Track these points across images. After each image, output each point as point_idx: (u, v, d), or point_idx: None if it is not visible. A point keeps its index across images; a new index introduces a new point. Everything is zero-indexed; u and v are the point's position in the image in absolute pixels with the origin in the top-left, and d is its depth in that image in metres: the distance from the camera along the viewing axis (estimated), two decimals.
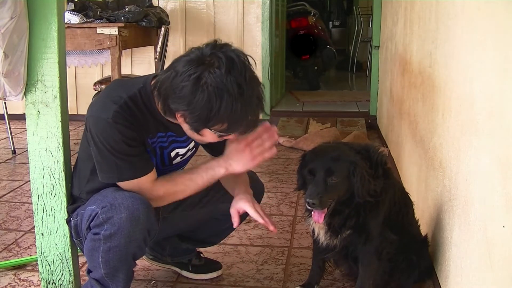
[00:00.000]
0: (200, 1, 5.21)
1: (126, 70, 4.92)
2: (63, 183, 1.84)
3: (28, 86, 1.80)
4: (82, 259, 2.08)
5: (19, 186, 3.31)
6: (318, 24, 7.38)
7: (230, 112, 1.49)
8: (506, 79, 1.31)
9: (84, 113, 1.70)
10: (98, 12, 3.98)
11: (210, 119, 1.51)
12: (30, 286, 2.10)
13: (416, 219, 2.07)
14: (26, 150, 1.96)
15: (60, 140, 1.82)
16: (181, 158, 1.84)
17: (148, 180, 1.67)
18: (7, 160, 3.95)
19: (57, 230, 1.88)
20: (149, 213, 1.63)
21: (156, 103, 1.63)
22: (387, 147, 4.05)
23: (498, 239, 1.35)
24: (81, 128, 4.55)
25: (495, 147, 1.39)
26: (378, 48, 5.17)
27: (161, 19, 4.30)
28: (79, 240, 1.78)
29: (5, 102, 4.14)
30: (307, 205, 1.74)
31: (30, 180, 1.88)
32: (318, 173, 1.74)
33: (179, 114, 1.57)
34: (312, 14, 7.33)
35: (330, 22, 11.82)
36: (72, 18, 3.81)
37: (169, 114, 1.61)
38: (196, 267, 2.18)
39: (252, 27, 5.21)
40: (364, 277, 1.88)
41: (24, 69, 1.77)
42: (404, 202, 1.99)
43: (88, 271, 1.74)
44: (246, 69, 1.53)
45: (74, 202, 1.84)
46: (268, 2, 5.13)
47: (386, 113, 4.36)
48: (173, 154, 1.80)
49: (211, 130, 1.57)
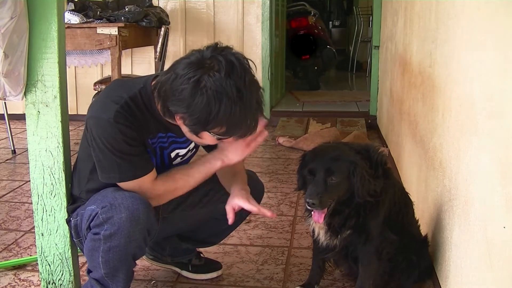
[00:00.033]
0: (200, 1, 5.21)
1: (126, 70, 4.92)
2: (63, 183, 1.84)
3: (28, 86, 1.80)
4: (82, 259, 2.08)
5: (19, 186, 3.31)
6: (318, 24, 7.38)
7: (229, 115, 1.49)
8: (506, 79, 1.31)
9: (84, 113, 1.70)
10: (98, 12, 3.98)
11: (209, 122, 1.51)
12: (30, 286, 2.10)
13: (416, 219, 2.07)
14: (26, 150, 1.96)
15: (60, 140, 1.82)
16: (181, 159, 1.84)
17: (149, 179, 1.68)
18: (7, 160, 3.95)
19: (57, 230, 1.88)
20: (149, 213, 1.63)
21: (156, 104, 1.64)
22: (387, 147, 4.05)
23: (498, 239, 1.35)
24: (81, 128, 4.55)
25: (495, 147, 1.39)
26: (378, 48, 5.17)
27: (161, 19, 4.29)
28: (79, 240, 1.79)
29: (5, 102, 4.14)
30: (307, 205, 1.74)
31: (30, 180, 1.88)
32: (318, 173, 1.74)
33: (178, 116, 1.57)
34: (312, 14, 7.33)
35: (330, 22, 11.82)
36: (72, 18, 3.81)
37: (168, 115, 1.61)
38: (196, 267, 2.18)
39: (252, 27, 5.21)
40: (364, 277, 1.89)
41: (24, 69, 1.77)
42: (404, 202, 1.99)
43: (88, 271, 1.74)
44: (246, 73, 1.53)
45: (74, 202, 1.84)
46: (268, 2, 5.13)
47: (386, 113, 4.36)
48: (173, 155, 1.80)
49: (210, 133, 1.57)
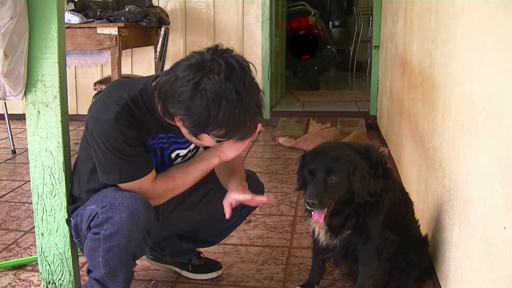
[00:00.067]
0: (200, 1, 5.21)
1: (126, 70, 4.92)
2: (63, 183, 1.84)
3: (28, 86, 1.80)
4: (82, 259, 2.08)
5: (19, 186, 3.31)
6: (318, 24, 7.38)
7: (228, 118, 1.50)
8: (506, 79, 1.31)
9: (84, 113, 1.70)
10: (98, 12, 3.98)
11: (208, 124, 1.52)
12: (30, 286, 2.10)
13: (416, 219, 2.07)
14: (26, 150, 1.96)
15: (60, 140, 1.82)
16: (181, 159, 1.83)
17: (149, 180, 1.68)
18: (7, 160, 3.95)
19: (57, 230, 1.88)
20: (149, 213, 1.63)
21: (157, 105, 1.64)
22: (387, 147, 4.05)
23: (498, 239, 1.34)
24: (81, 128, 4.55)
25: (495, 147, 1.39)
26: (378, 48, 5.17)
27: (161, 19, 4.30)
28: (79, 240, 1.78)
29: (5, 102, 4.14)
30: (307, 205, 1.74)
31: (30, 180, 1.88)
32: (318, 173, 1.74)
33: (177, 118, 1.57)
34: (312, 14, 7.33)
35: (330, 22, 11.82)
36: (72, 18, 3.81)
37: (168, 117, 1.62)
38: (196, 267, 2.18)
39: (252, 27, 5.21)
40: (364, 277, 1.88)
41: (24, 69, 1.77)
42: (404, 202, 1.99)
43: (88, 271, 1.74)
44: (245, 75, 1.53)
45: (74, 202, 1.84)
46: (268, 2, 5.13)
47: (386, 113, 4.36)
48: (173, 155, 1.80)
49: (209, 135, 1.58)
